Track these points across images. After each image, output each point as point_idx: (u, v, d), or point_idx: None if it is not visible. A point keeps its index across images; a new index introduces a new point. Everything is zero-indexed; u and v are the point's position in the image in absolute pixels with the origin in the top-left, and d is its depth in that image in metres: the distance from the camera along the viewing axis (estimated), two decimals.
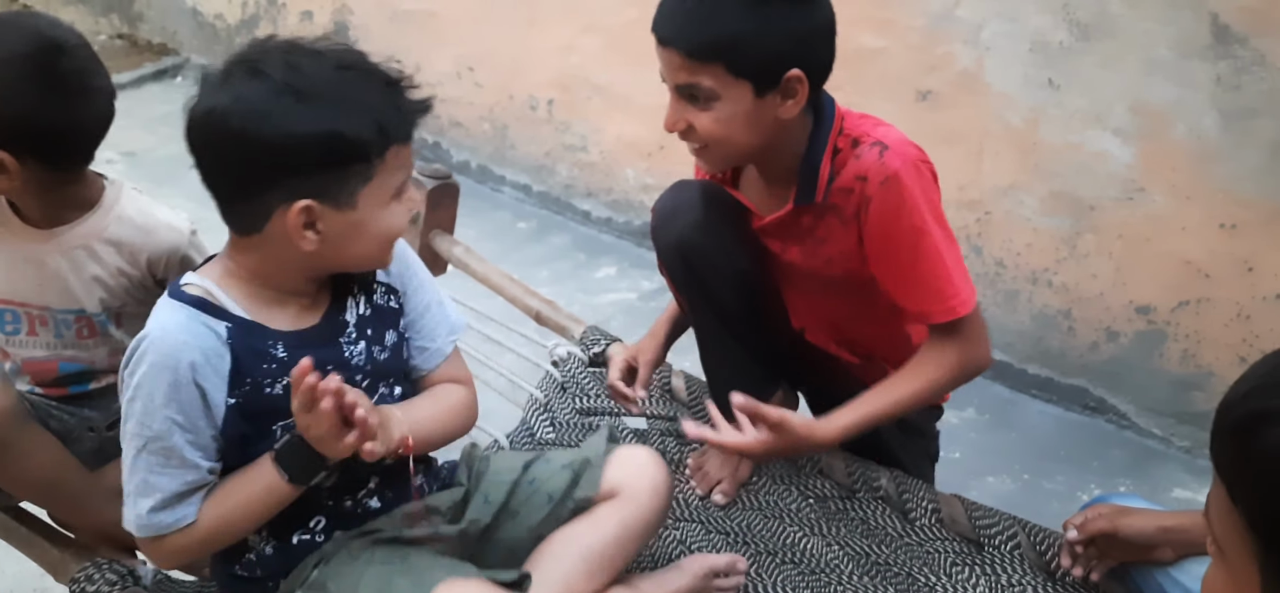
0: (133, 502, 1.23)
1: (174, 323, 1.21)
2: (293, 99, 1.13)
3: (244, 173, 1.18)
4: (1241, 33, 2.40)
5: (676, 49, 1.45)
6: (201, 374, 1.20)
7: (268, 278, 1.26)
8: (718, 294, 1.66)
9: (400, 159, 1.22)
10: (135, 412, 1.20)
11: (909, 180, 1.47)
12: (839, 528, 1.67)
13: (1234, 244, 2.51)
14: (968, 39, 2.78)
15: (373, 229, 1.23)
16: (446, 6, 3.88)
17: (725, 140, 1.49)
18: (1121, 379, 2.76)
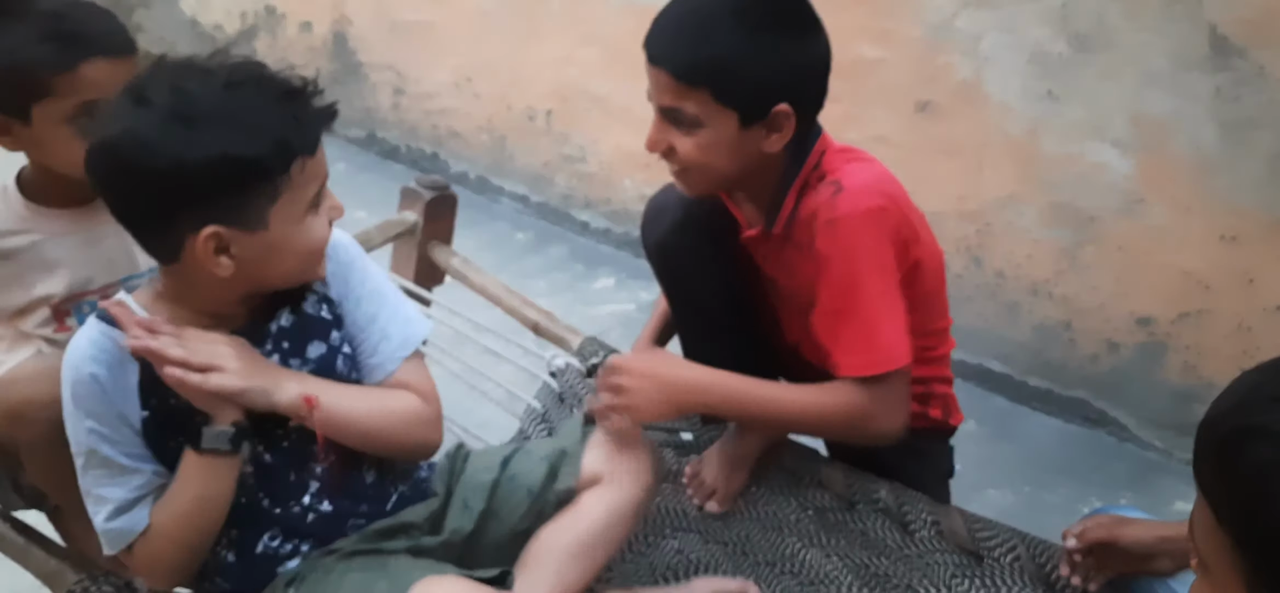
0: (93, 517, 1.25)
1: (84, 340, 1.22)
2: (180, 126, 1.10)
3: (144, 205, 1.15)
4: (1240, 45, 2.40)
5: (665, 69, 1.42)
6: (106, 386, 1.21)
7: (197, 302, 1.23)
8: (699, 298, 1.66)
9: (309, 171, 1.17)
10: (70, 432, 1.23)
11: (852, 228, 1.43)
12: (838, 540, 1.66)
13: (1234, 256, 2.51)
14: (967, 50, 2.78)
15: (291, 246, 1.19)
16: (445, 17, 3.88)
17: (705, 167, 1.47)
18: (1122, 391, 2.75)
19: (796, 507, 1.72)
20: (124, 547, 1.26)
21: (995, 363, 2.95)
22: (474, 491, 1.45)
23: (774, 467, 1.79)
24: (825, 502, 1.73)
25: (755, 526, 1.68)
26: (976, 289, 2.92)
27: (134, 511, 1.25)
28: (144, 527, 1.25)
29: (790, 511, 1.71)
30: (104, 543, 1.26)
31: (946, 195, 2.85)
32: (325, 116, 1.18)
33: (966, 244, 2.89)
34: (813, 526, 1.68)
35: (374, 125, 4.25)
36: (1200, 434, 0.71)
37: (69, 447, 1.25)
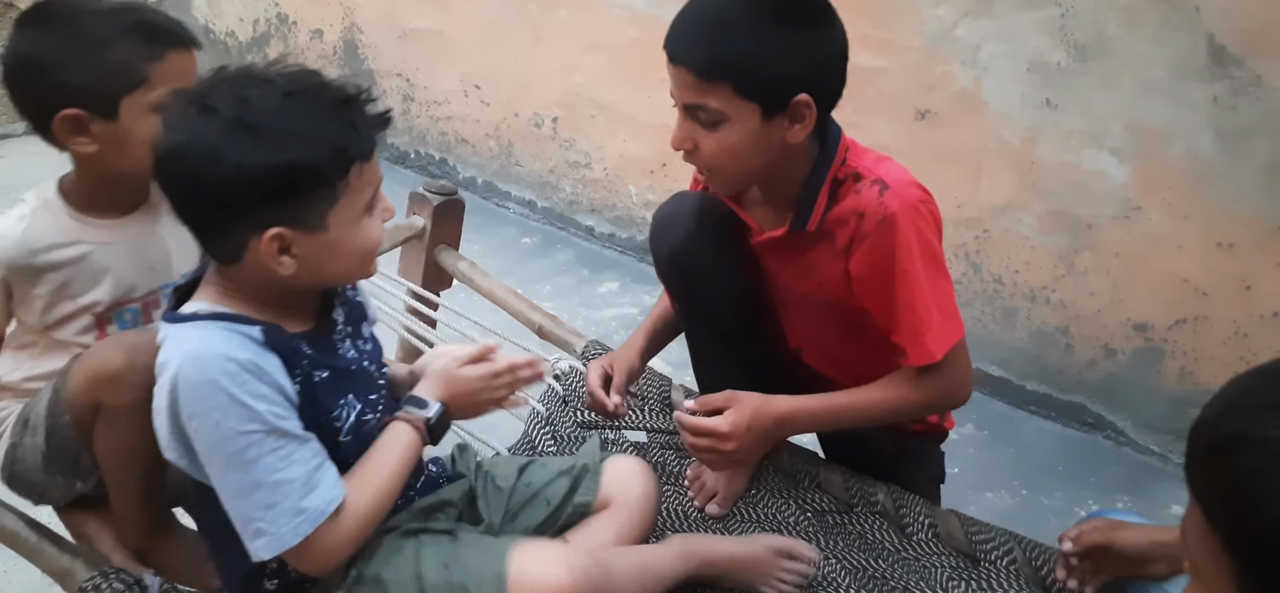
0: (270, 519, 1.20)
1: (210, 336, 1.20)
2: (245, 133, 1.14)
3: (207, 210, 1.19)
4: (1238, 54, 2.43)
5: (686, 67, 1.45)
6: (265, 366, 1.20)
7: (257, 296, 1.26)
8: (710, 307, 1.68)
9: (365, 176, 1.22)
10: (226, 430, 1.18)
11: (905, 224, 1.48)
12: (836, 541, 1.69)
13: (1231, 263, 2.54)
14: (966, 59, 2.82)
15: (349, 246, 1.23)
16: (454, 26, 3.92)
17: (730, 162, 1.50)
18: (1119, 396, 2.79)
19: (795, 509, 1.76)
20: (315, 527, 1.21)
21: (993, 367, 2.98)
22: (494, 494, 1.53)
23: (773, 470, 1.83)
24: (824, 504, 1.77)
25: (755, 527, 1.72)
26: (975, 295, 2.96)
27: (320, 485, 1.22)
28: (341, 499, 1.24)
29: (789, 512, 1.75)
30: (291, 536, 1.20)
31: (945, 202, 2.84)
32: (380, 123, 1.23)
33: (965, 250, 2.93)
34: (811, 527, 1.72)
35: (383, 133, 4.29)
36: (1191, 439, 0.73)
37: (149, 420, 1.26)
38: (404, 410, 1.37)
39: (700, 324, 1.72)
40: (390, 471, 1.31)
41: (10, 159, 4.35)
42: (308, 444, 1.23)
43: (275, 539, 1.21)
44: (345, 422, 1.31)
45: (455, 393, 1.40)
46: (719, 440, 1.54)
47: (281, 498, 1.20)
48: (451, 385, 1.41)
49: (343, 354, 1.35)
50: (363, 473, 1.30)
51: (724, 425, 1.53)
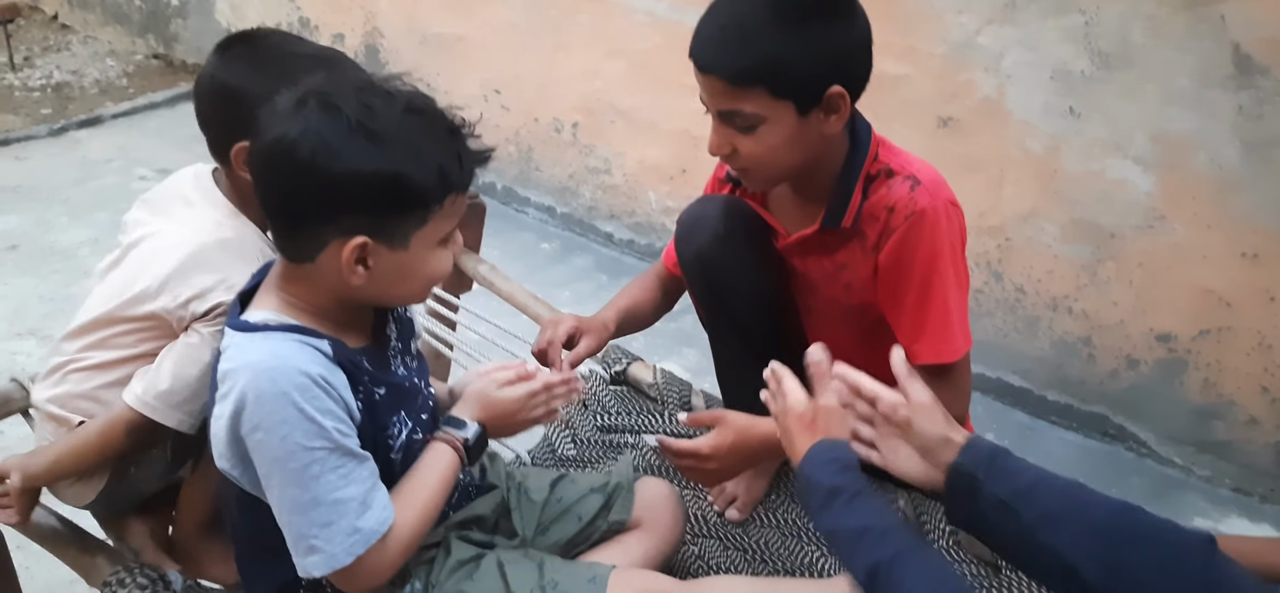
0: (325, 537, 1.21)
1: (284, 349, 1.21)
2: (364, 138, 1.15)
3: (306, 203, 1.19)
4: (1264, 63, 2.41)
5: (718, 76, 1.45)
6: (334, 384, 1.21)
7: (319, 308, 1.27)
8: (736, 311, 1.68)
9: (455, 207, 1.24)
10: (292, 445, 1.18)
11: (934, 222, 1.49)
12: None
13: (1256, 274, 2.52)
14: (989, 67, 2.81)
15: (420, 271, 1.25)
16: (474, 31, 3.94)
17: (770, 162, 1.50)
18: (1141, 407, 2.77)
19: None
20: (367, 547, 1.22)
21: (1015, 377, 2.97)
22: (528, 507, 1.54)
23: (792, 475, 1.82)
24: None
25: (774, 532, 1.72)
26: (996, 304, 2.94)
27: (374, 507, 1.23)
28: (391, 520, 1.25)
29: (808, 518, 1.75)
30: (345, 556, 1.21)
31: (967, 211, 2.82)
32: (481, 159, 1.25)
33: (987, 259, 2.92)
34: None
35: None
36: None
37: None
38: (443, 431, 1.37)
39: (724, 327, 1.71)
40: (431, 491, 1.32)
41: (33, 161, 4.40)
42: (365, 464, 1.24)
43: (329, 558, 1.21)
44: (398, 439, 1.32)
45: (494, 414, 1.41)
46: (700, 461, 1.54)
47: (338, 517, 1.21)
48: (490, 407, 1.41)
49: (396, 371, 1.36)
50: (406, 494, 1.30)
51: (705, 447, 1.53)
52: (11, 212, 3.88)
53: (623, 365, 2.05)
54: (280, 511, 1.23)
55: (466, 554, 1.41)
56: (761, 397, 1.37)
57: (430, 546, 1.42)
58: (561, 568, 1.39)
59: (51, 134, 4.62)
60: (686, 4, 3.33)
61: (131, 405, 1.46)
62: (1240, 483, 2.65)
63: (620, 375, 2.04)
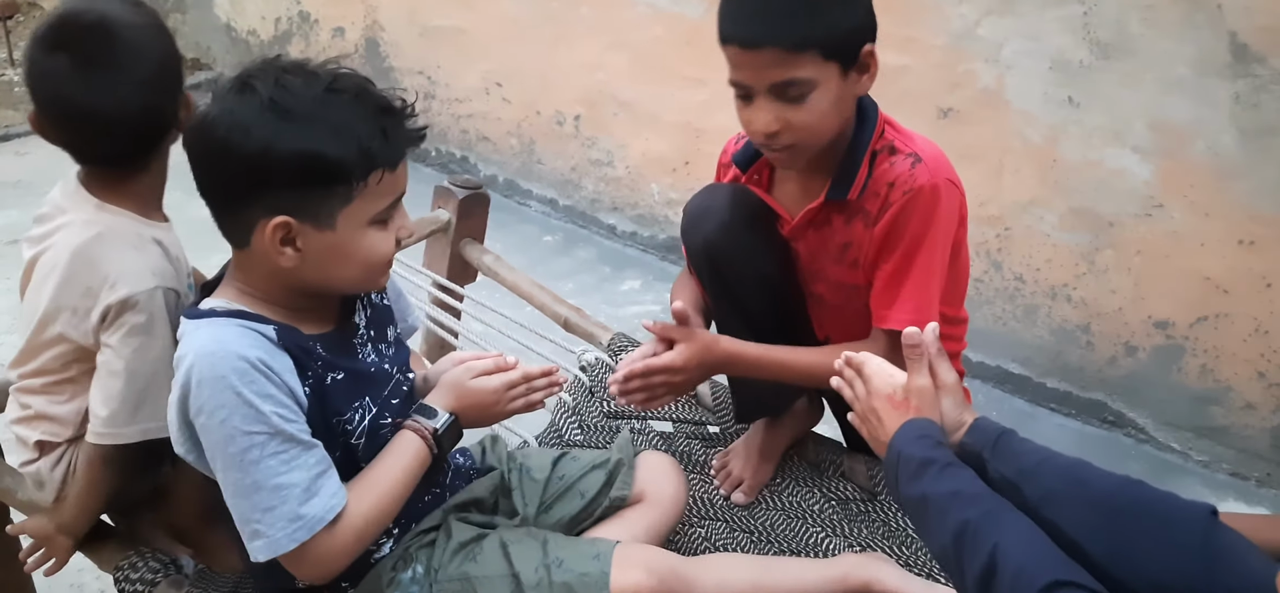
0: (268, 522, 1.21)
1: (225, 334, 1.22)
2: (276, 117, 1.16)
3: (227, 183, 1.21)
4: (1260, 52, 2.44)
5: (773, 46, 1.43)
6: (275, 368, 1.22)
7: (269, 294, 1.28)
8: (743, 297, 1.69)
9: (385, 185, 1.23)
10: (231, 429, 1.19)
11: (931, 199, 1.51)
12: (860, 529, 1.71)
13: (1253, 260, 2.54)
14: (989, 57, 2.83)
15: (354, 253, 1.24)
16: (476, 23, 3.96)
17: (820, 130, 1.50)
18: (1140, 394, 2.79)
19: (820, 497, 1.78)
20: (312, 534, 1.22)
21: (1014, 365, 2.99)
22: (530, 486, 1.56)
23: (798, 459, 1.85)
24: (848, 493, 1.79)
25: (780, 515, 1.74)
26: (996, 292, 2.97)
27: (321, 493, 1.23)
28: (340, 508, 1.25)
29: (814, 501, 1.77)
30: (286, 541, 1.21)
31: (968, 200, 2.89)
32: (413, 137, 1.25)
33: (987, 248, 2.94)
34: (836, 515, 1.74)
35: None
36: None
37: None
38: (413, 420, 1.37)
39: (731, 314, 1.73)
40: (393, 480, 1.32)
41: (34, 156, 4.42)
42: (312, 451, 1.24)
43: (271, 543, 1.22)
44: (358, 425, 1.33)
45: (467, 404, 1.41)
46: (671, 374, 1.55)
47: (279, 502, 1.21)
48: (464, 396, 1.40)
49: (362, 358, 1.37)
50: (365, 482, 1.30)
51: (677, 359, 1.55)
52: (13, 206, 3.89)
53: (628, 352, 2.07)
54: (226, 495, 1.24)
55: (468, 536, 1.43)
56: (832, 384, 1.38)
57: (430, 529, 1.44)
58: (565, 545, 1.41)
59: None
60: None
61: (91, 443, 1.46)
62: (1237, 467, 2.68)
63: None
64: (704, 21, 3.35)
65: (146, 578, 1.52)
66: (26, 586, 1.90)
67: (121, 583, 1.53)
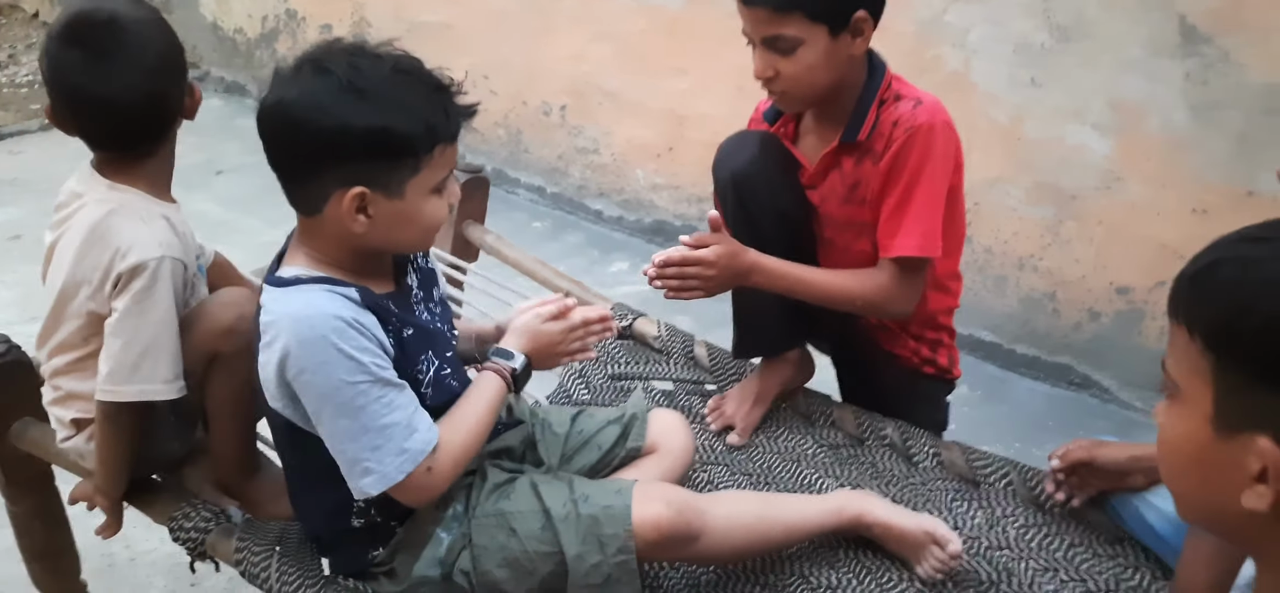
0: (377, 459, 1.34)
1: (316, 298, 1.34)
2: (352, 96, 1.28)
3: (305, 158, 1.33)
4: (1207, 33, 2.61)
5: (761, 7, 1.65)
6: (367, 324, 1.35)
7: (342, 258, 1.40)
8: (762, 228, 1.83)
9: (445, 157, 1.36)
10: (336, 381, 1.31)
11: (929, 135, 1.70)
12: (850, 471, 1.86)
13: (1206, 228, 2.71)
14: (956, 42, 2.99)
15: (418, 218, 1.38)
16: (462, 17, 4.08)
17: (808, 81, 1.70)
18: (1104, 356, 2.97)
19: (813, 443, 1.93)
20: (416, 465, 1.36)
21: (985, 332, 3.16)
22: (551, 440, 1.70)
23: (789, 410, 2.00)
24: (838, 439, 1.94)
25: (777, 457, 1.89)
26: (967, 264, 3.11)
27: (420, 428, 1.37)
28: (437, 440, 1.39)
29: (807, 446, 1.92)
30: (396, 473, 1.35)
31: None
32: (467, 112, 1.38)
33: None
34: (828, 459, 1.89)
35: None
36: (1176, 283, 0.89)
37: (254, 365, 1.41)
38: (493, 361, 1.52)
39: (750, 242, 1.87)
40: (478, 415, 1.47)
41: (27, 155, 4.49)
42: (405, 391, 1.38)
43: (382, 477, 1.36)
44: (426, 376, 1.46)
45: (539, 345, 1.56)
46: (704, 267, 1.71)
47: (386, 440, 1.35)
48: (536, 338, 1.56)
49: (419, 315, 1.50)
50: (456, 417, 1.45)
51: (710, 255, 1.71)
52: (12, 204, 3.97)
53: (629, 321, 2.21)
54: (333, 441, 1.37)
55: (501, 479, 1.56)
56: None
57: (469, 473, 1.57)
58: (590, 485, 1.55)
59: (43, 129, 4.70)
60: None
61: (98, 399, 1.56)
62: None
63: (627, 330, 2.20)
64: (684, 13, 3.50)
65: (200, 527, 1.64)
66: (68, 550, 2.02)
67: (176, 532, 1.64)
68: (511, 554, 1.48)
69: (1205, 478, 0.85)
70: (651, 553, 1.48)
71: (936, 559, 1.62)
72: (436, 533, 1.50)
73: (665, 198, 3.77)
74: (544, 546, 1.47)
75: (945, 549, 1.61)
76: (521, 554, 1.48)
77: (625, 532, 1.45)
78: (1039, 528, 1.74)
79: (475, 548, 1.49)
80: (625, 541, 1.45)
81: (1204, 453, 0.84)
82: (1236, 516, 0.82)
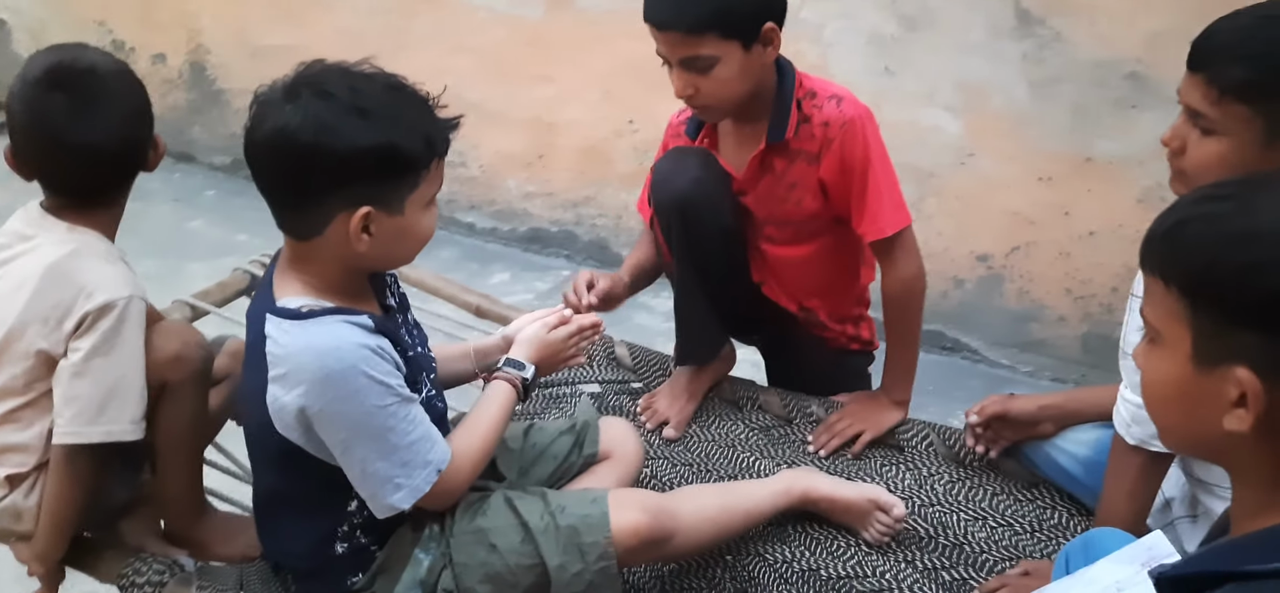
0: (406, 474, 1.38)
1: (339, 330, 1.35)
2: (357, 117, 1.28)
3: (313, 183, 1.31)
4: (1040, 15, 2.85)
5: (675, 30, 1.71)
6: (386, 349, 1.37)
7: (335, 282, 1.40)
8: (704, 246, 1.90)
9: (437, 170, 1.39)
10: (368, 408, 1.34)
11: (862, 126, 1.82)
12: (783, 449, 1.96)
13: (1052, 194, 2.96)
14: (813, 38, 3.14)
15: (415, 231, 1.39)
16: (311, 41, 3.93)
17: (726, 95, 1.77)
18: (970, 320, 3.19)
19: (744, 427, 2.01)
20: (440, 474, 1.42)
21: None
22: (507, 454, 1.72)
23: (717, 398, 2.08)
24: (767, 421, 2.03)
25: (713, 445, 1.96)
26: None
27: (438, 441, 1.43)
28: (449, 454, 1.44)
29: (739, 430, 2.00)
30: (422, 486, 1.40)
31: None
32: (455, 125, 1.39)
33: None
34: (760, 440, 1.98)
35: (240, 151, 4.24)
36: (1147, 240, 0.99)
37: (204, 392, 1.41)
38: (504, 370, 1.57)
39: (691, 264, 1.93)
40: (492, 419, 1.51)
41: None
42: (417, 404, 1.41)
43: (412, 490, 1.40)
44: (422, 396, 1.46)
45: (545, 354, 1.61)
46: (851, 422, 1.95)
47: (413, 456, 1.39)
48: (543, 348, 1.61)
49: (405, 337, 1.50)
50: (471, 423, 1.50)
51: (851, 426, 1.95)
52: None
53: None
54: (362, 465, 1.37)
55: (472, 497, 1.56)
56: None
57: None
58: (562, 496, 1.57)
59: None
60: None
61: (56, 444, 1.52)
62: (1057, 374, 3.10)
63: None
64: (544, 22, 3.52)
65: (153, 581, 1.57)
66: None
67: (128, 590, 1.56)
68: (493, 570, 1.48)
69: (1189, 410, 0.96)
70: (630, 558, 1.52)
71: (882, 524, 1.72)
72: (416, 554, 1.49)
73: (539, 205, 3.79)
74: (525, 559, 1.49)
75: (890, 513, 1.72)
76: (503, 569, 1.48)
77: (605, 539, 1.48)
78: (963, 482, 1.87)
79: (456, 566, 1.49)
80: (606, 547, 1.48)
81: (1187, 387, 0.95)
82: (1218, 439, 0.93)
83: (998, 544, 1.75)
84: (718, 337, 2.04)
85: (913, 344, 1.98)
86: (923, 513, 1.81)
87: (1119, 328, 1.61)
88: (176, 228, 3.87)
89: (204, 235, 3.82)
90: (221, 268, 3.15)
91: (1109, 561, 1.32)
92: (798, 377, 2.10)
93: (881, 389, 2.00)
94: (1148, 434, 1.51)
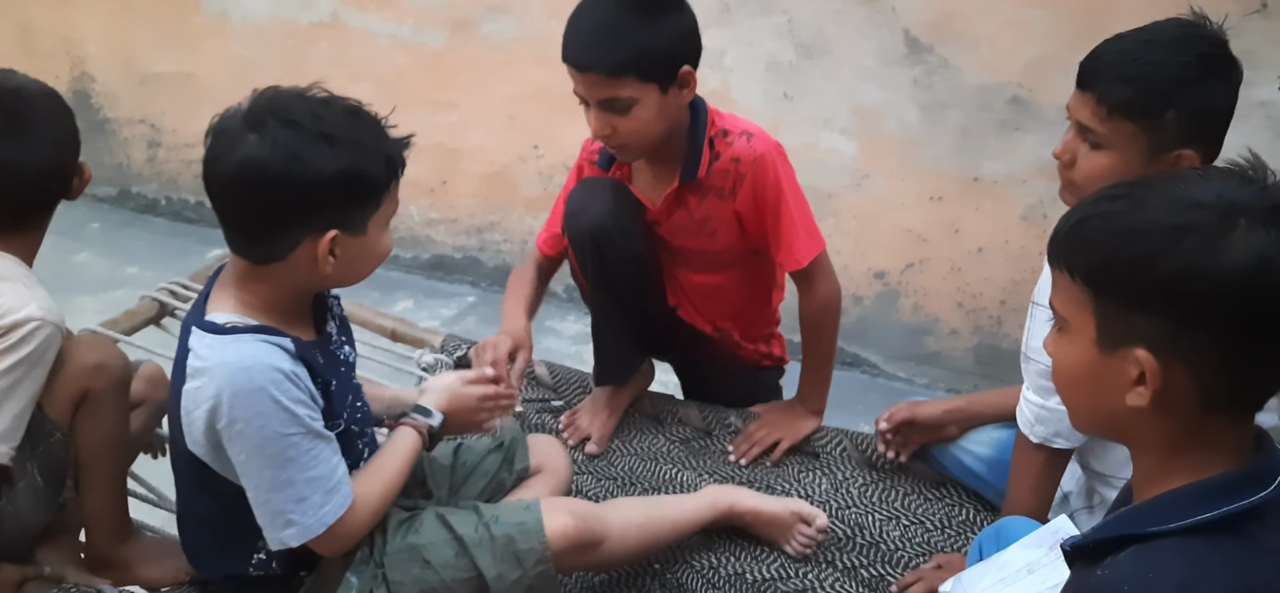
0: (301, 511, 1.35)
1: (256, 349, 1.33)
2: (324, 144, 1.29)
3: (283, 211, 1.31)
4: (928, 43, 3.00)
5: (595, 72, 1.74)
6: (302, 378, 1.34)
7: (277, 303, 1.39)
8: (617, 274, 1.94)
9: (394, 189, 1.40)
10: (270, 433, 1.31)
11: (772, 161, 1.86)
12: (704, 460, 2.00)
13: (942, 212, 3.11)
14: (713, 64, 3.23)
15: (375, 250, 1.40)
16: (203, 67, 3.87)
17: (644, 134, 1.80)
18: (869, 335, 3.31)
19: (665, 440, 2.05)
20: (337, 517, 1.37)
21: None
22: (438, 472, 1.72)
23: (637, 413, 2.11)
24: (687, 434, 2.08)
25: (636, 459, 2.00)
26: None
27: (342, 482, 1.39)
28: (351, 498, 1.40)
29: (660, 444, 2.04)
30: (316, 528, 1.36)
31: None
32: (406, 143, 1.41)
33: None
34: (681, 452, 2.02)
35: (127, 181, 4.13)
36: (1053, 239, 1.07)
37: (125, 402, 1.38)
38: (411, 417, 1.55)
39: (606, 290, 1.96)
40: (395, 467, 1.49)
41: None
42: (331, 443, 1.39)
43: (304, 529, 1.36)
44: (348, 424, 1.46)
45: (456, 407, 1.59)
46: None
47: (311, 492, 1.36)
48: (454, 399, 1.59)
49: (342, 357, 1.50)
50: (373, 469, 1.47)
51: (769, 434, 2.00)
52: None
53: (464, 352, 2.23)
54: (258, 491, 1.35)
55: (403, 515, 1.56)
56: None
57: None
58: (496, 507, 1.58)
59: None
60: (430, 25, 3.52)
61: None
62: (952, 384, 3.24)
63: (464, 360, 2.22)
64: (447, 50, 3.53)
65: None
66: None
67: None
68: (428, 586, 1.49)
69: (1095, 389, 1.04)
70: (562, 562, 1.54)
71: (804, 536, 1.79)
72: (346, 577, 1.48)
73: (442, 232, 3.78)
74: (460, 571, 1.49)
75: (813, 524, 1.78)
76: (438, 584, 1.49)
77: (541, 544, 1.50)
78: (876, 484, 1.95)
79: (392, 585, 1.48)
80: (542, 552, 1.50)
81: (1093, 368, 1.03)
82: (1121, 416, 1.02)
83: (911, 541, 1.83)
84: (634, 357, 2.08)
85: (830, 358, 2.07)
86: (840, 515, 1.88)
87: (1007, 339, 1.72)
88: (62, 262, 3.70)
89: (91, 268, 3.68)
90: (111, 302, 3.06)
91: (1020, 545, 1.41)
92: (712, 393, 2.16)
93: (797, 398, 2.07)
94: (1050, 433, 1.62)
